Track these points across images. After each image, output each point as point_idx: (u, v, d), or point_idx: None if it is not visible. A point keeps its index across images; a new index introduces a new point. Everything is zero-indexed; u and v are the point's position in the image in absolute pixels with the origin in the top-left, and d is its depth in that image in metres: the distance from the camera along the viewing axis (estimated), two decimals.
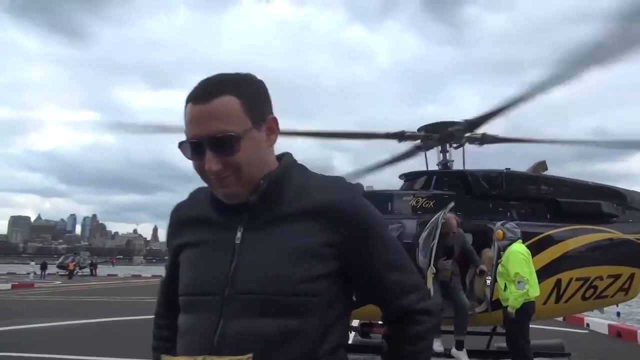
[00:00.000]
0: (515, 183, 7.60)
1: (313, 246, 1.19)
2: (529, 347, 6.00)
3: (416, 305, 1.27)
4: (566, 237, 7.17)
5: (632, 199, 7.70)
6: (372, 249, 1.24)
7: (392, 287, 1.26)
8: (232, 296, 1.18)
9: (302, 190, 1.25)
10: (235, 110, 1.20)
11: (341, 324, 1.25)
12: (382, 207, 7.63)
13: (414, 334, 1.27)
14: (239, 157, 1.19)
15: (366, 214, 1.26)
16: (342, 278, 1.22)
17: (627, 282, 7.22)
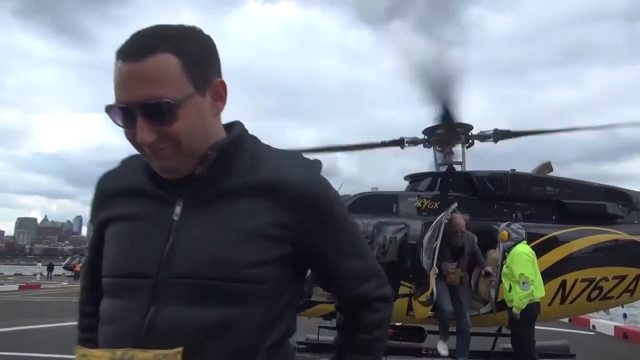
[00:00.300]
0: (520, 184, 7.60)
1: (262, 227, 1.06)
2: (534, 347, 6.01)
3: (374, 293, 1.17)
4: (571, 238, 7.17)
5: (637, 199, 7.69)
6: (329, 233, 1.13)
7: (348, 274, 1.16)
8: (166, 280, 1.03)
9: (254, 164, 1.11)
10: (173, 71, 1.02)
11: (289, 313, 1.13)
12: (387, 208, 7.67)
13: (369, 322, 1.18)
14: (177, 128, 1.02)
15: (323, 194, 1.13)
16: (293, 263, 1.11)
17: (632, 283, 7.21)
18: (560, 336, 9.50)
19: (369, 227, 7.34)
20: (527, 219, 7.24)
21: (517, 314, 5.93)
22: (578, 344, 9.68)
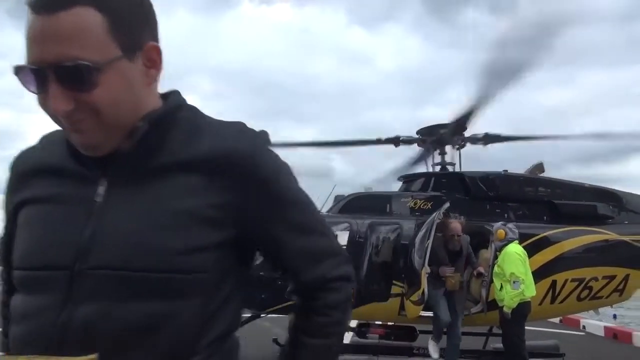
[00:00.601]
0: (512, 185, 7.68)
1: (198, 208, 0.92)
2: (524, 347, 6.08)
3: (332, 272, 1.05)
4: (562, 239, 7.25)
5: (627, 200, 7.79)
6: (277, 211, 1.00)
7: (302, 255, 1.04)
8: (84, 272, 0.89)
9: (191, 137, 0.97)
10: (94, 29, 0.87)
11: (232, 305, 0.99)
12: (380, 208, 7.72)
13: (327, 303, 1.05)
14: (97, 95, 0.88)
15: (270, 166, 1.00)
16: (237, 248, 0.98)
17: (621, 283, 7.30)
18: (550, 336, 9.59)
19: (362, 227, 7.39)
20: (519, 219, 7.31)
21: (508, 313, 6.00)
22: (568, 344, 9.78)
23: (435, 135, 8.10)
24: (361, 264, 7.24)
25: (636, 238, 7.40)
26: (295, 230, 1.03)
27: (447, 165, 8.29)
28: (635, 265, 7.39)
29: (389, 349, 8.17)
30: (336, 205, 7.94)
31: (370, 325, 7.60)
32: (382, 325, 7.62)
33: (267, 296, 7.43)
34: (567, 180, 7.95)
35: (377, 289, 7.16)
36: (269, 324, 12.04)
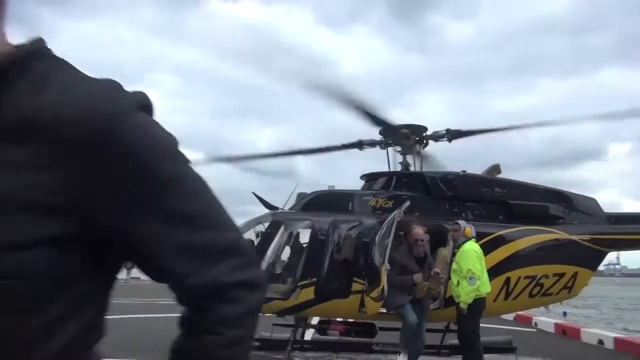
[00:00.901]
0: (470, 185, 7.92)
1: (19, 190, 0.69)
2: (479, 341, 6.28)
3: (229, 277, 0.80)
4: (516, 237, 7.53)
5: (577, 202, 8.16)
6: (146, 195, 0.75)
7: (186, 253, 0.78)
8: None
9: (32, 95, 0.73)
10: None
11: (82, 317, 0.77)
12: (342, 207, 7.80)
13: (220, 317, 0.79)
14: None
15: (138, 136, 0.74)
16: (83, 247, 0.74)
17: (570, 280, 7.64)
18: (505, 333, 9.93)
19: (324, 224, 7.45)
20: (476, 218, 7.54)
21: (464, 308, 6.18)
22: (521, 340, 10.15)
23: (396, 136, 8.25)
24: (322, 261, 7.30)
25: (584, 237, 7.76)
26: (174, 222, 0.77)
27: (409, 165, 8.44)
28: (583, 264, 7.75)
29: (349, 345, 8.28)
30: (298, 203, 7.98)
31: (330, 322, 7.67)
32: (343, 322, 7.70)
33: None
34: (522, 181, 8.26)
35: (338, 286, 7.24)
36: None
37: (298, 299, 7.24)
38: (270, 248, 7.63)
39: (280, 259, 8.02)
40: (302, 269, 7.37)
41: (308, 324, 8.05)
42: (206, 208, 0.83)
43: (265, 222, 7.74)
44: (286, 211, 7.95)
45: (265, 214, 7.92)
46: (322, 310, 7.48)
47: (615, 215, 8.26)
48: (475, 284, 6.18)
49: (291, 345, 7.29)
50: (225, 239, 0.83)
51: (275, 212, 7.88)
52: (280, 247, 7.84)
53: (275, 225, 7.63)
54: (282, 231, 7.69)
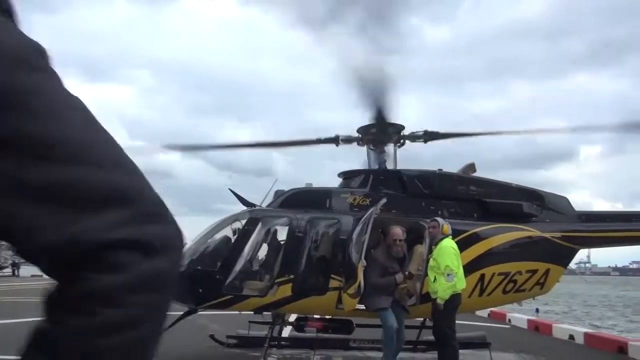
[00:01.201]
0: (446, 183, 8.01)
1: None
2: (455, 337, 6.36)
3: (107, 234, 0.58)
4: (490, 235, 7.65)
5: (549, 200, 8.33)
6: None
7: (44, 198, 0.57)
8: None
9: None
10: None
11: None
12: (320, 204, 7.81)
13: (95, 290, 0.57)
14: None
15: None
16: None
17: (543, 277, 7.80)
18: (479, 329, 10.10)
19: (301, 222, 7.45)
20: (451, 215, 7.63)
21: (441, 304, 6.25)
22: (495, 336, 10.36)
23: (374, 134, 8.29)
24: (299, 258, 7.31)
25: (556, 235, 7.94)
26: (28, 152, 0.57)
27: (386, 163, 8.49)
28: (555, 261, 7.92)
29: (326, 342, 8.31)
30: (276, 200, 7.96)
31: (307, 319, 7.68)
32: (320, 318, 7.72)
33: (202, 290, 7.33)
34: (496, 180, 8.39)
35: (315, 283, 7.25)
36: (205, 320, 11.88)
37: (275, 296, 7.23)
38: (247, 245, 7.60)
39: (257, 256, 8.00)
40: (279, 266, 7.36)
41: (285, 321, 8.03)
42: (80, 136, 0.60)
43: (242, 219, 7.70)
44: (263, 208, 7.92)
45: (242, 210, 7.88)
46: (299, 307, 7.48)
47: (586, 214, 8.48)
48: (453, 280, 6.27)
49: (268, 343, 7.27)
50: (108, 181, 0.59)
51: (253, 209, 7.85)
52: (257, 244, 7.82)
53: (252, 222, 7.60)
54: (259, 228, 7.66)
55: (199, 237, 7.87)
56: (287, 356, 8.39)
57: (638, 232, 8.28)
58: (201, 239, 7.83)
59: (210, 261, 7.51)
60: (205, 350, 8.45)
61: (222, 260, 7.41)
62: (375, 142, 8.47)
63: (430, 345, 7.48)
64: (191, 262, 7.56)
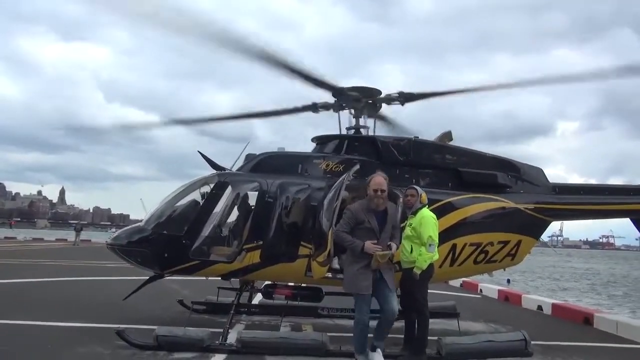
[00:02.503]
0: (422, 151, 7.82)
1: None
2: (427, 305, 6.27)
3: None
4: (464, 205, 7.53)
5: (524, 171, 8.22)
6: None
7: None
8: None
9: None
10: None
11: None
12: (292, 169, 7.56)
13: None
14: None
15: None
16: None
17: (514, 248, 7.76)
18: (451, 299, 10.18)
19: (272, 187, 7.22)
20: (426, 184, 7.48)
21: (417, 274, 6.11)
22: (466, 305, 10.51)
23: (348, 98, 8.02)
24: (269, 224, 7.10)
25: (529, 207, 7.87)
26: None
27: (361, 129, 8.26)
28: (527, 232, 7.87)
29: (295, 309, 8.23)
30: (247, 165, 7.69)
31: (276, 286, 7.55)
32: (288, 286, 7.59)
33: (167, 255, 7.11)
34: (472, 149, 8.22)
35: (285, 250, 7.08)
36: (177, 286, 11.76)
37: (243, 263, 7.05)
38: (215, 210, 7.36)
39: (226, 221, 7.77)
40: (248, 231, 7.15)
41: (254, 288, 7.90)
42: None
43: (211, 182, 7.43)
44: (233, 172, 7.65)
45: (211, 174, 7.60)
46: (267, 274, 7.33)
47: (560, 186, 8.40)
48: (434, 250, 6.13)
49: (235, 309, 7.12)
50: None
51: (222, 172, 7.57)
52: (226, 209, 7.58)
53: (222, 186, 7.34)
54: (228, 192, 7.41)
55: (166, 201, 7.60)
56: (256, 322, 8.30)
57: (611, 205, 8.26)
58: (168, 203, 7.56)
59: (177, 225, 7.26)
60: (172, 316, 8.31)
61: (189, 225, 7.16)
62: (350, 107, 8.21)
63: (399, 315, 7.41)
64: (157, 226, 7.31)
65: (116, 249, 7.54)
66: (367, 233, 5.65)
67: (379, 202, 5.68)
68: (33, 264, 19.34)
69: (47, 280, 13.76)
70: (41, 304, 9.53)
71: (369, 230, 5.66)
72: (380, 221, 5.72)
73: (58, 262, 20.64)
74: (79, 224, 47.91)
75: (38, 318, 7.93)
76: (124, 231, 7.97)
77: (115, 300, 8.66)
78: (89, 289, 12.49)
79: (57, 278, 14.23)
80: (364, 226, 5.66)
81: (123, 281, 12.31)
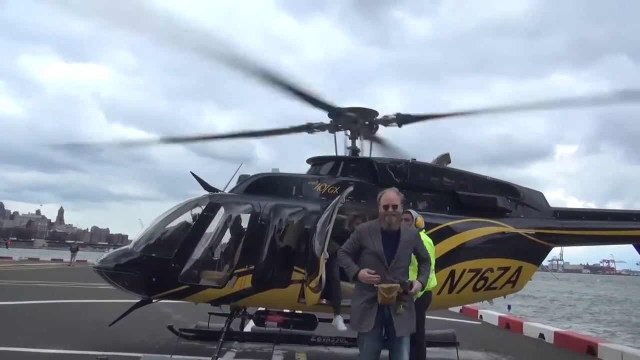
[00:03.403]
0: (419, 173, 7.65)
1: None
2: (424, 334, 6.02)
3: None
4: (463, 229, 7.33)
5: (524, 195, 8.04)
6: None
7: None
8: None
9: None
10: None
11: None
12: (286, 190, 7.37)
13: None
14: None
15: None
16: None
17: (515, 274, 7.52)
18: (450, 325, 9.86)
19: (265, 209, 7.02)
20: (424, 208, 7.28)
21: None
22: (466, 333, 10.18)
23: (345, 119, 7.88)
24: (261, 248, 6.87)
25: (530, 232, 7.66)
26: None
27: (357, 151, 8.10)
28: (527, 258, 7.65)
29: (288, 337, 7.91)
30: (240, 186, 7.50)
31: (268, 312, 7.27)
32: (281, 312, 7.31)
33: (156, 280, 6.86)
34: (471, 172, 8.06)
35: (277, 275, 6.83)
36: (169, 309, 11.44)
37: (234, 288, 6.80)
38: (206, 232, 7.14)
39: (217, 244, 7.54)
40: (240, 255, 6.92)
41: (246, 314, 7.61)
42: None
43: (202, 204, 7.22)
44: (225, 193, 7.46)
45: (203, 195, 7.40)
46: (259, 300, 7.07)
47: (561, 211, 8.21)
48: (431, 277, 5.91)
49: (224, 337, 6.84)
50: None
51: (214, 194, 7.37)
52: (217, 232, 7.35)
53: (213, 207, 7.14)
54: (220, 214, 7.20)
55: (156, 222, 7.38)
56: (247, 350, 7.99)
57: (614, 230, 8.07)
58: (158, 224, 7.34)
59: (166, 248, 7.03)
60: (161, 342, 8.01)
61: (179, 248, 6.93)
62: (346, 128, 8.07)
63: None
64: (145, 249, 7.08)
65: (103, 272, 7.29)
66: (373, 260, 4.38)
67: (391, 220, 4.44)
68: (24, 285, 18.97)
69: (36, 302, 13.42)
70: (26, 329, 9.21)
71: (374, 256, 4.38)
72: (389, 245, 4.41)
73: (51, 283, 20.27)
74: (74, 244, 47.49)
75: (21, 344, 7.62)
76: (112, 254, 7.73)
77: (104, 324, 8.35)
78: (77, 313, 12.16)
79: (46, 300, 13.89)
80: (369, 250, 4.42)
81: (114, 304, 11.97)
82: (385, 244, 4.41)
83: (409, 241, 4.55)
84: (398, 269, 4.41)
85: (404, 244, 4.49)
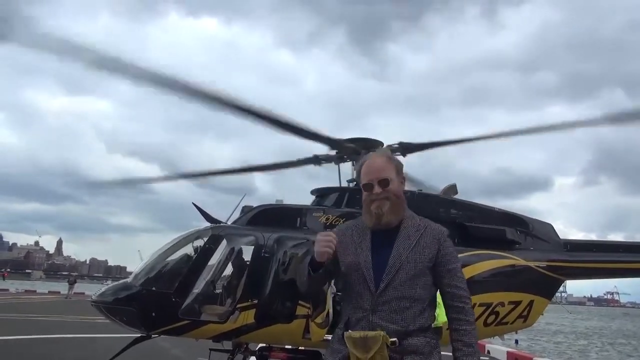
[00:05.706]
0: (425, 205, 7.49)
1: None
2: None
3: None
4: (471, 262, 7.12)
5: (534, 226, 7.87)
6: None
7: None
8: None
9: None
10: None
11: None
12: (290, 222, 7.21)
13: None
14: None
15: None
16: None
17: (526, 309, 7.28)
18: None
19: (269, 241, 6.84)
20: None
21: None
22: None
23: (350, 150, 7.78)
24: (265, 281, 6.67)
25: (541, 264, 7.46)
26: None
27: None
28: (539, 292, 7.42)
29: None
30: (243, 217, 7.34)
31: (271, 348, 7.00)
32: (284, 349, 7.04)
33: (155, 314, 6.62)
34: (478, 203, 7.91)
35: (282, 310, 6.60)
36: (167, 344, 11.09)
37: (236, 323, 6.55)
38: (208, 265, 6.95)
39: (219, 278, 7.32)
40: (242, 289, 6.70)
41: (248, 350, 7.33)
42: None
43: (204, 236, 7.05)
44: (228, 225, 7.29)
45: (205, 227, 7.23)
46: (263, 335, 6.80)
47: (572, 242, 8.02)
48: (438, 312, 5.69)
49: None
50: None
51: (217, 225, 7.21)
52: (219, 265, 7.16)
53: (215, 239, 6.96)
54: (223, 247, 7.02)
55: (156, 255, 7.19)
56: None
57: (627, 263, 7.86)
58: (158, 257, 7.15)
59: (166, 282, 6.82)
60: None
61: (179, 281, 6.72)
62: (350, 159, 7.98)
63: None
64: (145, 282, 6.86)
65: (101, 307, 7.05)
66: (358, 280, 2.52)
67: (380, 208, 2.57)
68: (19, 318, 18.55)
69: (29, 337, 13.05)
70: None
71: (356, 272, 2.53)
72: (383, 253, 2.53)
73: (46, 317, 19.84)
74: (71, 276, 46.95)
75: None
76: (110, 288, 7.50)
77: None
78: (71, 349, 11.80)
79: (41, 335, 13.51)
80: (349, 262, 2.55)
81: (110, 339, 11.64)
82: (377, 251, 2.53)
83: (421, 243, 2.57)
84: (393, 300, 2.47)
85: (408, 246, 2.54)
